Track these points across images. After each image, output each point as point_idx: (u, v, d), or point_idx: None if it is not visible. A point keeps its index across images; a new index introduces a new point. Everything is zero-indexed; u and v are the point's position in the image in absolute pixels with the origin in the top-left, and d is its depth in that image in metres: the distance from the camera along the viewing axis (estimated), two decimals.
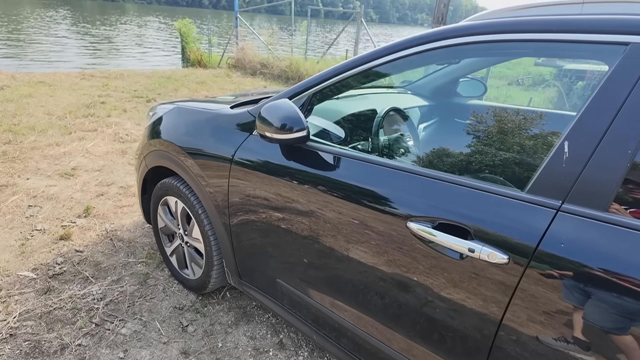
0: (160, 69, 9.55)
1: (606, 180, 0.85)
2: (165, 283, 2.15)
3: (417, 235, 1.06)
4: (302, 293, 1.48)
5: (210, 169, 1.64)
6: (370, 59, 1.26)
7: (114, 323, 1.85)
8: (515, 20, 1.00)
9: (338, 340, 1.41)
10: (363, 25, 8.54)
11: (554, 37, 0.96)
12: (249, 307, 2.03)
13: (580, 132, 0.89)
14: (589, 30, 0.91)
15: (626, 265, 0.80)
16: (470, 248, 0.96)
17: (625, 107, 0.85)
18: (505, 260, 0.92)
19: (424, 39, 1.13)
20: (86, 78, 7.16)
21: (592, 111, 0.88)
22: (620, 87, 0.86)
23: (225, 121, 1.65)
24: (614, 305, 0.81)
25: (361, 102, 1.94)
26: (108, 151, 3.84)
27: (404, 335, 1.19)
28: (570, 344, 0.87)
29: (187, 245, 2.01)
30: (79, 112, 4.94)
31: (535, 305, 0.90)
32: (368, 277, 1.23)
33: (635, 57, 0.85)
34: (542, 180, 0.93)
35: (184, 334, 1.83)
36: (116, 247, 2.41)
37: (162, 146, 1.88)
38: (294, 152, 1.40)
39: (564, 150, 0.90)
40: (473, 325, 1.02)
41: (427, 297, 1.09)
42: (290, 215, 1.40)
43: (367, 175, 1.21)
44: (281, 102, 1.32)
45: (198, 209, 1.79)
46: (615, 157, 0.84)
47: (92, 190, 3.06)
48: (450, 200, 1.03)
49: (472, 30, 1.05)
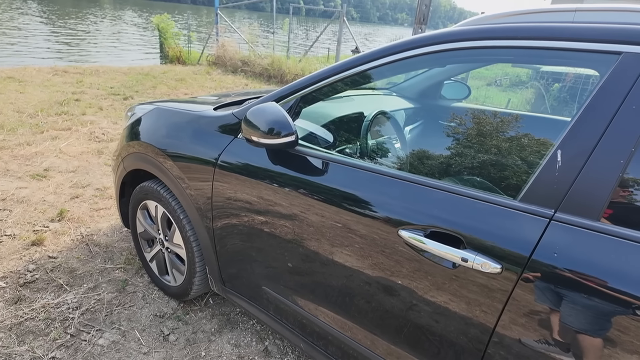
0: (138, 65, 9.29)
1: (599, 190, 0.84)
2: (145, 290, 2.07)
3: (409, 243, 1.04)
4: (289, 300, 1.44)
5: (193, 172, 1.58)
6: (357, 63, 1.23)
7: (91, 333, 1.77)
8: (509, 27, 0.99)
9: (326, 349, 1.39)
10: (345, 24, 8.53)
11: (547, 45, 0.95)
12: (232, 314, 1.97)
13: (573, 141, 0.89)
14: (581, 38, 0.91)
15: (618, 275, 0.80)
16: (463, 257, 0.94)
17: (618, 116, 0.85)
18: (498, 269, 0.91)
19: (418, 43, 1.11)
20: (59, 74, 6.89)
21: (585, 120, 0.88)
22: (613, 97, 0.86)
23: (208, 123, 1.59)
24: (606, 315, 0.81)
25: (348, 105, 1.92)
26: (83, 151, 3.69)
27: (395, 344, 1.17)
28: (563, 354, 0.86)
29: (167, 251, 1.94)
30: (52, 109, 4.74)
31: (528, 314, 0.89)
32: (358, 285, 1.20)
33: (628, 67, 0.85)
34: (535, 188, 0.92)
35: (165, 344, 1.76)
36: (92, 253, 2.31)
37: (142, 148, 1.81)
38: (281, 157, 1.36)
39: (557, 159, 0.90)
40: (465, 334, 1.00)
41: (419, 306, 1.07)
42: (276, 220, 1.36)
43: (357, 182, 1.19)
44: (268, 106, 1.28)
45: (179, 214, 1.72)
46: (607, 167, 0.84)
47: (66, 192, 2.93)
48: (442, 208, 1.01)
49: (467, 36, 1.03)
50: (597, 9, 0.94)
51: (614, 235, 0.82)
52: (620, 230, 0.81)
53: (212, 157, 1.50)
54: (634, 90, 0.84)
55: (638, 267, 0.78)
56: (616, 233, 0.81)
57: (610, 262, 0.81)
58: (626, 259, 0.80)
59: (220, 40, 10.05)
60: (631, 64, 0.85)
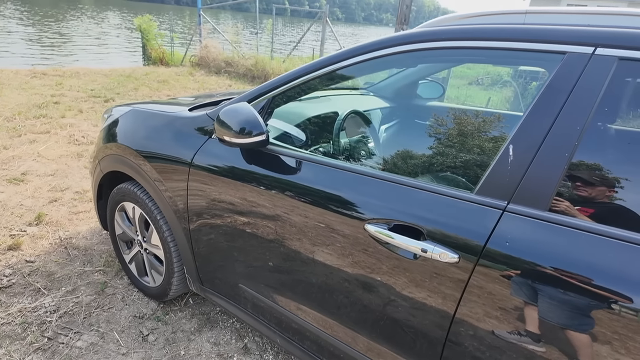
0: (120, 67, 9.17)
1: (547, 182, 0.90)
2: (124, 292, 2.07)
3: (375, 237, 1.08)
4: (264, 297, 1.47)
5: (169, 173, 1.59)
6: (327, 63, 1.27)
7: (69, 336, 1.76)
8: (465, 29, 1.04)
9: (301, 343, 1.42)
10: (328, 24, 8.57)
11: (500, 45, 1.00)
12: (212, 313, 1.99)
13: (523, 136, 0.94)
14: (531, 39, 0.96)
15: (565, 261, 0.85)
16: (423, 248, 0.99)
17: (563, 112, 0.90)
18: (455, 259, 0.95)
19: (376, 46, 1.15)
20: (37, 76, 6.77)
21: (534, 116, 0.93)
22: (558, 94, 0.91)
23: (183, 124, 1.61)
24: (556, 299, 0.86)
25: (323, 105, 1.95)
26: (62, 154, 3.65)
27: (365, 334, 1.21)
28: (518, 337, 0.91)
29: (146, 252, 1.94)
30: (30, 112, 4.67)
31: (484, 301, 0.94)
32: (327, 279, 1.24)
33: (572, 65, 0.91)
34: (490, 182, 0.97)
35: (144, 344, 1.77)
36: (71, 256, 2.30)
37: (118, 150, 1.81)
38: (254, 156, 1.39)
39: (509, 153, 0.94)
40: (428, 321, 1.05)
41: (385, 297, 1.12)
42: (250, 219, 1.38)
43: (326, 178, 1.22)
44: (240, 106, 1.31)
45: (156, 215, 1.74)
46: (554, 160, 0.89)
47: (45, 196, 2.90)
48: (404, 202, 1.06)
49: (424, 38, 1.08)
50: (546, 11, 1.00)
51: (561, 224, 0.87)
52: (566, 219, 0.87)
53: (187, 158, 1.52)
54: (577, 88, 0.89)
55: (583, 252, 0.84)
56: (563, 222, 0.87)
57: (557, 249, 0.86)
58: (572, 246, 0.85)
59: (204, 41, 10.00)
60: (575, 63, 0.90)
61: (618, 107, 0.89)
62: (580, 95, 0.89)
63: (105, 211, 2.15)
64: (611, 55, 0.87)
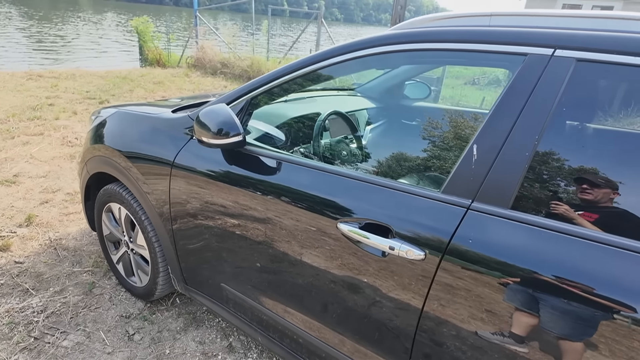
0: (116, 68, 9.19)
1: (508, 180, 0.92)
2: (112, 292, 2.09)
3: (347, 235, 1.10)
4: (245, 295, 1.49)
5: (151, 174, 1.61)
6: (303, 65, 1.29)
7: (55, 336, 1.78)
8: (430, 31, 1.06)
9: (281, 340, 1.44)
10: (323, 25, 8.60)
11: (466, 47, 1.02)
12: (198, 313, 2.01)
13: (486, 136, 0.96)
14: (494, 41, 0.99)
15: (525, 258, 0.87)
16: (390, 246, 1.01)
17: (524, 112, 0.92)
18: (422, 256, 0.98)
19: (349, 48, 1.17)
20: (33, 78, 6.79)
21: (496, 116, 0.96)
22: (519, 95, 0.93)
23: (165, 125, 1.63)
24: (517, 293, 0.88)
25: (308, 106, 1.98)
26: (55, 156, 3.67)
27: (338, 330, 1.23)
28: (483, 331, 0.93)
29: (133, 253, 1.96)
30: (24, 114, 4.69)
31: (449, 297, 0.96)
32: (302, 278, 1.26)
33: (532, 67, 0.93)
34: (455, 181, 0.99)
35: (129, 343, 1.79)
36: (60, 257, 2.32)
37: (103, 151, 1.83)
38: (233, 156, 1.41)
39: (473, 153, 0.97)
40: (397, 317, 1.07)
41: (356, 294, 1.14)
42: (230, 219, 1.40)
43: (301, 179, 1.24)
44: (218, 107, 1.33)
45: (141, 215, 1.76)
46: (515, 159, 0.91)
47: (36, 197, 2.92)
48: (374, 201, 1.08)
49: (390, 41, 1.10)
50: (509, 14, 1.02)
51: (521, 221, 0.89)
52: (527, 217, 0.89)
53: (169, 158, 1.54)
54: (537, 89, 0.91)
55: (543, 249, 0.86)
56: (524, 219, 0.89)
57: (518, 246, 0.88)
58: (532, 243, 0.87)
59: (200, 42, 10.02)
60: (535, 64, 0.93)
61: (576, 107, 0.91)
62: (540, 95, 0.91)
63: (93, 212, 2.17)
64: (569, 56, 0.89)
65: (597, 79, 0.89)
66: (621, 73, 0.87)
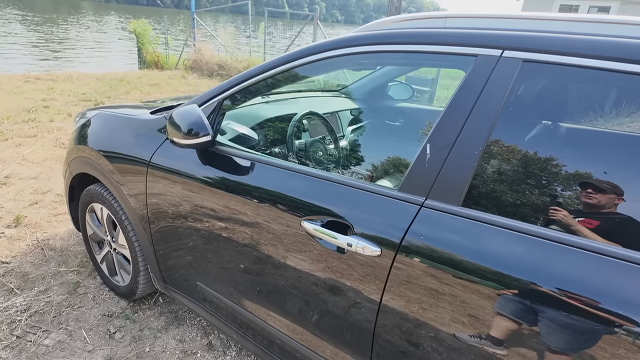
0: (114, 71, 9.25)
1: (459, 178, 0.94)
2: (96, 291, 2.12)
3: (310, 233, 1.13)
4: (218, 293, 1.51)
5: (129, 174, 1.64)
6: (272, 66, 1.31)
7: (37, 334, 1.81)
8: (386, 33, 1.09)
9: (254, 338, 1.46)
10: (319, 27, 8.64)
11: (420, 49, 1.05)
12: (180, 311, 2.04)
13: (439, 135, 0.98)
14: (447, 42, 1.01)
15: (475, 253, 0.89)
16: (348, 242, 1.03)
17: (474, 111, 0.94)
18: (378, 252, 1.00)
19: (315, 50, 1.20)
20: (30, 81, 6.84)
21: (449, 115, 0.98)
22: (470, 94, 0.96)
23: (143, 126, 1.66)
24: (467, 288, 0.90)
25: (289, 107, 2.00)
26: (47, 158, 3.71)
27: (308, 329, 1.25)
28: (437, 323, 0.95)
29: (115, 252, 1.99)
30: (19, 117, 4.73)
31: (404, 291, 0.98)
32: (271, 276, 1.28)
33: (482, 67, 0.95)
34: (411, 178, 1.01)
35: (110, 341, 1.81)
36: (47, 257, 2.35)
37: (85, 152, 1.86)
38: (206, 156, 1.43)
39: (427, 151, 0.99)
40: (358, 313, 1.09)
41: (321, 291, 1.16)
42: (203, 218, 1.43)
43: (269, 178, 1.27)
44: (188, 108, 1.35)
45: (121, 215, 1.78)
46: (465, 157, 0.93)
47: (26, 198, 2.95)
48: (335, 200, 1.10)
49: (350, 43, 1.12)
50: (464, 16, 1.04)
51: (471, 218, 0.91)
52: (476, 214, 0.91)
53: (145, 159, 1.57)
54: (486, 89, 0.94)
55: (492, 245, 0.88)
56: (473, 216, 0.91)
57: (468, 242, 0.90)
58: (481, 239, 0.89)
59: (197, 44, 10.08)
60: (484, 65, 0.95)
61: (522, 106, 0.93)
62: (489, 95, 0.93)
63: (77, 212, 2.20)
64: (516, 57, 0.91)
65: (543, 79, 0.91)
66: (566, 73, 0.89)
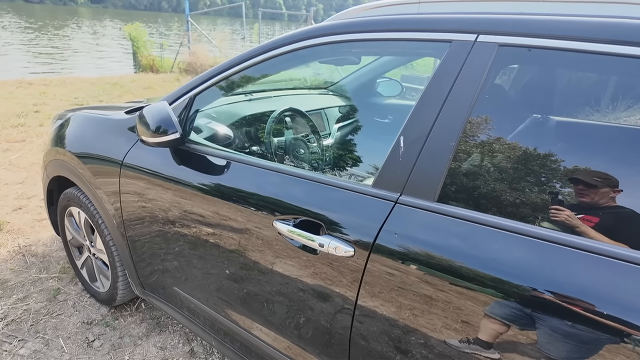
0: (108, 75, 9.21)
1: (434, 172, 0.88)
2: (76, 298, 2.05)
3: (282, 233, 1.07)
4: (194, 299, 1.45)
5: (103, 176, 1.58)
6: (241, 60, 1.26)
7: (12, 344, 1.75)
8: (361, 21, 1.03)
9: (232, 344, 1.40)
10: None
11: (392, 36, 0.99)
12: (162, 318, 1.97)
13: (412, 127, 0.92)
14: (420, 29, 0.95)
15: (450, 250, 0.83)
16: (320, 243, 0.97)
17: (448, 101, 0.88)
18: (351, 252, 0.93)
19: (282, 42, 1.14)
20: (23, 86, 6.80)
21: (422, 106, 0.92)
22: (443, 83, 0.89)
23: (116, 126, 1.60)
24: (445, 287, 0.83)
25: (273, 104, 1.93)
26: (34, 162, 3.65)
27: (280, 333, 1.19)
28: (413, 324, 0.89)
29: (94, 257, 1.93)
30: (8, 122, 4.67)
31: (379, 291, 0.91)
32: (246, 279, 1.22)
33: (456, 53, 0.89)
34: (384, 174, 0.95)
35: (88, 350, 1.75)
36: (28, 263, 2.28)
37: (60, 155, 1.80)
38: (179, 156, 1.37)
39: (400, 145, 0.93)
40: (334, 313, 1.02)
41: (295, 294, 1.10)
42: (177, 220, 1.37)
43: (243, 176, 1.21)
44: (157, 105, 1.30)
45: (98, 219, 1.72)
46: (440, 150, 0.87)
47: (10, 204, 2.89)
48: (307, 198, 1.04)
49: (322, 32, 1.06)
50: (438, 0, 0.98)
51: (446, 214, 0.85)
52: (452, 210, 0.85)
53: (118, 159, 1.51)
54: (461, 76, 0.87)
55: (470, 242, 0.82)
56: (449, 212, 0.85)
57: (443, 239, 0.84)
58: (456, 235, 0.83)
59: (192, 47, 10.04)
60: (459, 50, 0.89)
61: (499, 93, 0.87)
62: (464, 82, 0.87)
63: (57, 217, 2.14)
64: (492, 42, 0.85)
65: (521, 64, 0.85)
66: (545, 57, 0.83)
